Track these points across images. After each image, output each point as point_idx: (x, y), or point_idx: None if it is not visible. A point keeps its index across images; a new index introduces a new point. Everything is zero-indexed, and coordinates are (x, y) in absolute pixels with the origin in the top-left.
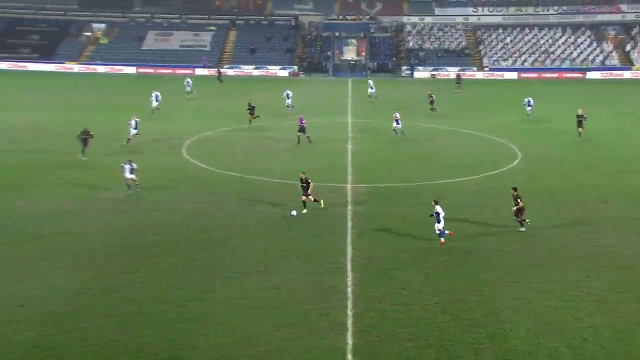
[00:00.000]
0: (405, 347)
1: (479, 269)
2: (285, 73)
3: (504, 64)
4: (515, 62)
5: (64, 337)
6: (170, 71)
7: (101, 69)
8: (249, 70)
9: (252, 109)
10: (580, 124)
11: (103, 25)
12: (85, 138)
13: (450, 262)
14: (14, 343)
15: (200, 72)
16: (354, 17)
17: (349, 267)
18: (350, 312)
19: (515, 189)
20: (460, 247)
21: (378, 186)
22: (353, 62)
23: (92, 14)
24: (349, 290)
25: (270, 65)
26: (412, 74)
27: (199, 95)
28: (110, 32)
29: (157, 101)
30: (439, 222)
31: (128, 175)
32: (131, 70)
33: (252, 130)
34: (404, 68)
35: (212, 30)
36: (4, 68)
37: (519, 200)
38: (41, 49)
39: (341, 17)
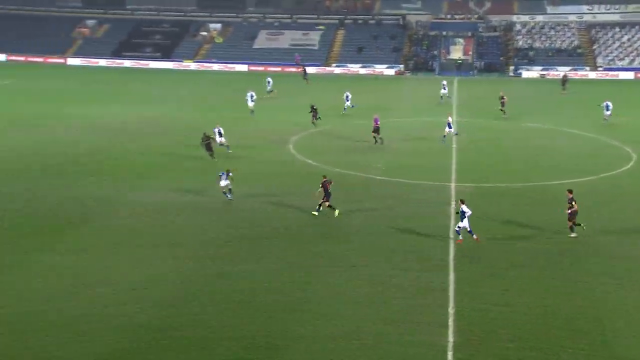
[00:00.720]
0: (506, 348)
1: (588, 272)
2: (391, 72)
3: (619, 64)
4: (632, 61)
5: (177, 321)
6: (279, 69)
7: (215, 67)
8: (355, 68)
9: (314, 111)
10: None
11: (218, 25)
12: (207, 142)
13: (557, 265)
14: (127, 324)
15: (308, 70)
16: (461, 16)
17: (451, 265)
18: (451, 310)
19: (570, 191)
20: (570, 250)
21: (483, 185)
22: (459, 61)
23: (208, 14)
24: (451, 287)
25: (377, 63)
26: (520, 73)
27: (302, 91)
28: (225, 32)
29: (252, 101)
30: (462, 220)
31: (223, 182)
32: (242, 67)
33: (358, 127)
34: (512, 67)
35: (320, 30)
36: (128, 66)
37: (573, 203)
38: (162, 48)
39: (449, 16)
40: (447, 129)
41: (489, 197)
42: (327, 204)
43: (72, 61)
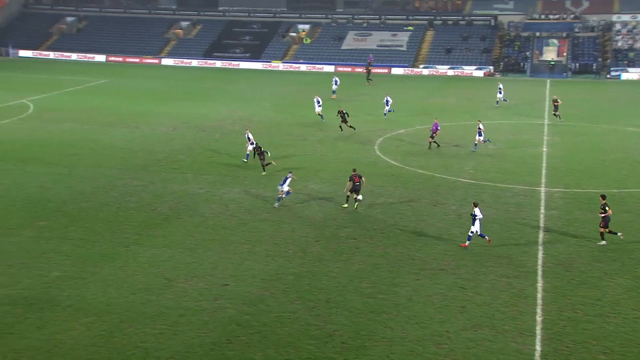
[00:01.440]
0: None
1: None
2: (480, 73)
3: None
4: None
5: (265, 317)
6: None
7: (303, 67)
8: (443, 69)
9: (343, 115)
10: None
11: (307, 26)
12: (260, 152)
13: None
14: (217, 318)
15: (395, 71)
16: (556, 17)
17: (540, 272)
18: (539, 318)
19: (603, 197)
20: None
21: (575, 191)
22: (552, 63)
23: (298, 15)
24: (539, 295)
25: (466, 65)
26: (619, 75)
27: (386, 92)
28: (313, 33)
29: (319, 106)
30: (473, 223)
31: (285, 187)
32: (330, 68)
33: (444, 129)
34: (610, 69)
35: (409, 30)
36: (219, 66)
37: (607, 208)
38: (252, 49)
39: (543, 17)
40: (477, 137)
41: (580, 203)
42: (355, 196)
43: (166, 61)
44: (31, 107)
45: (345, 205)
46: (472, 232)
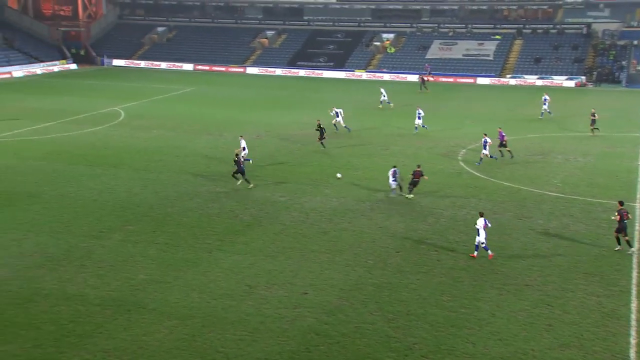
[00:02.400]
0: None
1: None
2: (571, 83)
3: None
4: None
5: (339, 327)
6: (451, 80)
7: (386, 77)
8: (531, 80)
9: (321, 130)
10: None
11: (391, 35)
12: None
13: None
14: (296, 327)
15: (481, 80)
16: None
17: (634, 291)
18: (633, 341)
19: (621, 203)
20: None
21: None
22: None
23: (382, 24)
24: (632, 316)
25: (555, 75)
26: None
27: (472, 102)
28: (398, 42)
29: (340, 117)
30: (478, 234)
31: (393, 182)
32: (413, 78)
33: (531, 141)
34: None
35: (496, 39)
36: (303, 75)
37: (627, 214)
38: (335, 58)
39: None
40: (483, 151)
41: None
42: (409, 188)
43: (251, 70)
44: (122, 114)
45: (410, 196)
46: (477, 242)
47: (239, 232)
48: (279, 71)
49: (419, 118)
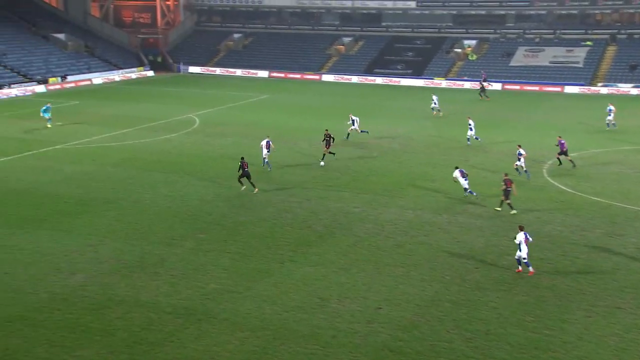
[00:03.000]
0: None
1: None
2: None
3: None
4: None
5: (414, 344)
6: (536, 88)
7: (467, 85)
8: (625, 88)
9: (327, 139)
10: None
11: (474, 42)
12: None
13: None
14: (369, 342)
15: (569, 89)
16: None
17: None
18: None
19: None
20: None
21: None
22: None
23: (464, 30)
24: None
25: None
26: None
27: (550, 111)
28: (480, 48)
29: (355, 125)
30: (520, 249)
31: (465, 181)
32: (497, 86)
33: (628, 153)
34: None
35: (587, 46)
36: (380, 82)
37: None
38: (414, 65)
39: None
40: (517, 162)
41: None
42: (505, 200)
43: (327, 77)
44: (197, 121)
45: (498, 209)
46: (518, 257)
47: (311, 243)
48: (355, 79)
49: (471, 129)
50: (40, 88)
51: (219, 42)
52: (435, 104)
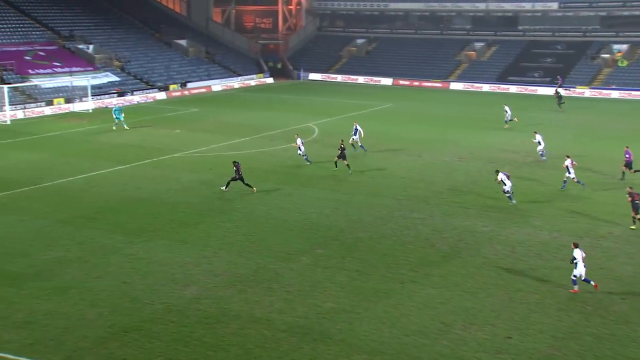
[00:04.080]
0: None
1: None
2: None
3: None
4: None
5: None
6: None
7: (615, 94)
8: None
9: (342, 150)
10: None
11: (625, 46)
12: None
13: None
14: None
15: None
16: None
17: None
18: None
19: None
20: None
21: None
22: None
23: (614, 33)
24: None
25: None
26: None
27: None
28: (632, 54)
29: (355, 135)
30: (575, 267)
31: (506, 182)
32: None
33: None
34: None
35: None
36: (514, 91)
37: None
38: (553, 72)
39: None
40: (567, 174)
41: None
42: (636, 215)
43: (455, 85)
44: (316, 131)
45: (633, 227)
46: (574, 275)
47: (434, 263)
48: (486, 87)
49: (540, 143)
50: (161, 95)
51: (341, 48)
52: (508, 113)
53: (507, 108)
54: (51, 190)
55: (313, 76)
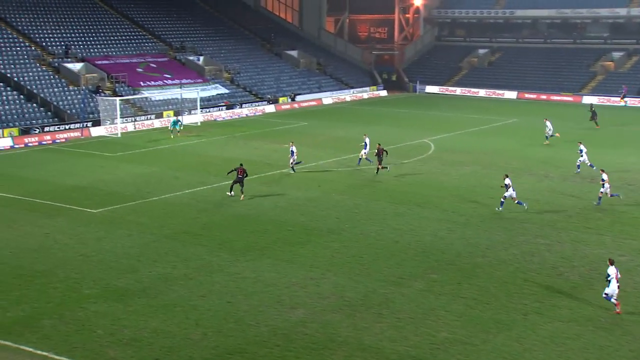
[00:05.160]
0: None
1: None
2: None
3: None
4: None
5: None
6: None
7: None
8: None
9: (380, 153)
10: None
11: None
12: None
13: None
14: None
15: None
16: None
17: None
18: None
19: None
20: None
21: None
22: None
23: None
24: None
25: None
26: None
27: None
28: None
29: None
30: (608, 285)
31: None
32: None
33: None
34: None
35: None
36: None
37: None
38: None
39: None
40: (601, 189)
41: None
42: None
43: (589, 99)
44: (432, 147)
45: None
46: (606, 294)
47: (562, 294)
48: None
49: (582, 154)
50: (270, 108)
51: (461, 59)
52: (549, 130)
53: (548, 123)
54: (158, 204)
55: (430, 89)
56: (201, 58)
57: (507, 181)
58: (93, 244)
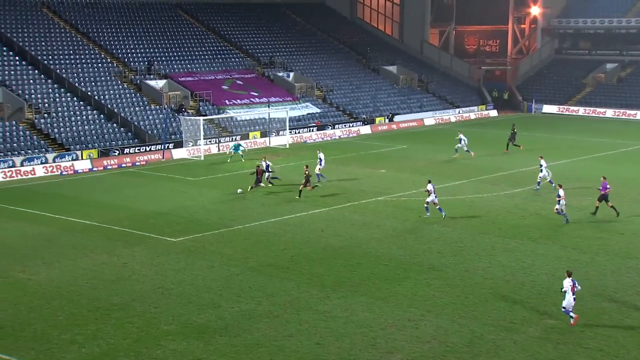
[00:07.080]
0: None
1: None
2: None
3: None
4: None
5: None
6: None
7: None
8: None
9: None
10: None
11: None
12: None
13: None
14: None
15: None
16: None
17: None
18: None
19: None
20: None
21: None
22: None
23: None
24: None
25: None
26: None
27: None
28: None
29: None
30: (564, 298)
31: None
32: None
33: None
34: None
35: None
36: None
37: None
38: None
39: None
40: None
41: None
42: None
43: None
44: (549, 174)
45: None
46: (564, 307)
47: None
48: None
49: (542, 169)
50: (366, 129)
51: (585, 75)
52: (461, 143)
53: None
54: (243, 233)
55: (547, 108)
56: (291, 74)
57: (430, 187)
58: (172, 276)
